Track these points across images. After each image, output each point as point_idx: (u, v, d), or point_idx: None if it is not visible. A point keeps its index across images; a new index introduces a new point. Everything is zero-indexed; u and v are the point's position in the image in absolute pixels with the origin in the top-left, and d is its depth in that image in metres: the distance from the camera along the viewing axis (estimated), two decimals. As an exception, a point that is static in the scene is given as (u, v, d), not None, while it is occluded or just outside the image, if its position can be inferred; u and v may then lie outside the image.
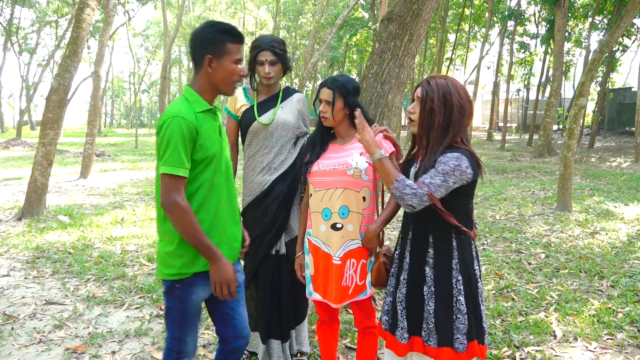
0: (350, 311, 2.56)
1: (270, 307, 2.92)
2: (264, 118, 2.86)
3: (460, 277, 2.07)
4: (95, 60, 12.27)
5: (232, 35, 2.04)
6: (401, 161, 2.45)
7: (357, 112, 2.26)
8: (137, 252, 5.54)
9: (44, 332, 3.54)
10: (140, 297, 4.19)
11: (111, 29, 15.84)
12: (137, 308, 3.97)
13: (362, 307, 2.55)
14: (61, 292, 4.32)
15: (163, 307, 3.95)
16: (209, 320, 3.57)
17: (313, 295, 2.55)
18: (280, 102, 2.94)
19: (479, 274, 2.14)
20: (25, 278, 4.68)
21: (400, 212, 2.36)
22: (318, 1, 24.67)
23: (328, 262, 2.46)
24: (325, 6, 19.40)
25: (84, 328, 3.61)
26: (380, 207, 2.53)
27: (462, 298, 2.05)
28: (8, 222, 6.98)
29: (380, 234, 2.47)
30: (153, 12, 41.34)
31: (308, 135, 2.91)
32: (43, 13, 29.72)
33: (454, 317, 2.05)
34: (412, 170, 2.18)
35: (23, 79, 31.93)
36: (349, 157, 2.42)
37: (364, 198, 2.44)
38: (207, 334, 3.54)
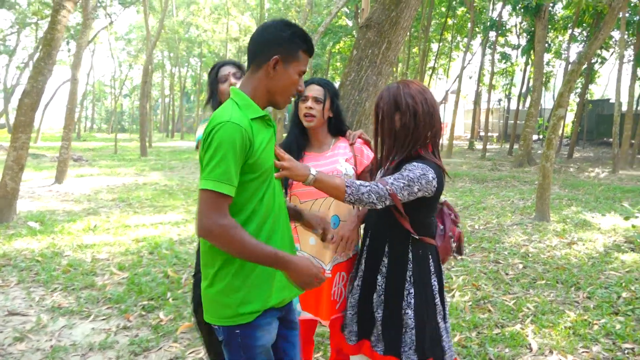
0: (324, 324, 2.42)
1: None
2: None
3: (412, 290, 2.01)
4: (72, 63, 12.03)
5: (307, 44, 1.77)
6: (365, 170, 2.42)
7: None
8: (108, 260, 5.39)
9: (3, 345, 3.38)
10: (107, 308, 4.05)
11: (90, 31, 15.60)
12: (103, 319, 3.83)
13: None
14: (25, 302, 4.16)
15: (131, 319, 3.82)
16: None
17: (302, 314, 2.37)
18: None
19: (437, 289, 2.06)
20: (-11, 287, 4.51)
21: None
22: (301, 8, 24.69)
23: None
24: (308, 13, 19.40)
25: (47, 341, 3.46)
26: None
27: (410, 312, 1.99)
28: (-24, 228, 6.76)
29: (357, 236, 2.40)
30: (136, 16, 41.05)
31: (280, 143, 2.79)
32: (23, 15, 29.27)
33: (403, 329, 2.00)
34: (378, 176, 2.15)
35: (0, 82, 31.35)
36: (336, 164, 2.34)
37: (353, 205, 2.35)
38: None
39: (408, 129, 2.00)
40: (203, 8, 35.90)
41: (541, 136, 26.12)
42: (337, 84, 3.96)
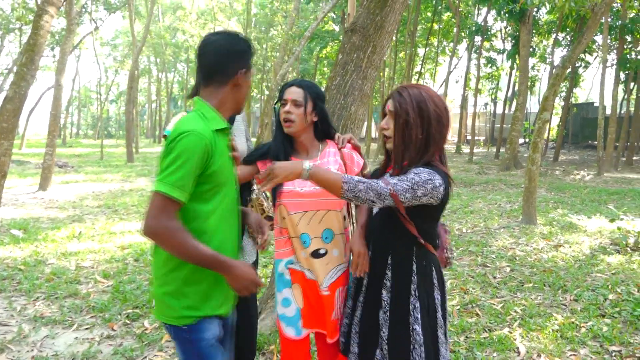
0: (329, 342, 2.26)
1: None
2: None
3: (418, 304, 1.90)
4: (56, 69, 11.90)
5: (253, 52, 1.90)
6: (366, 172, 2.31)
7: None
8: (92, 268, 5.31)
9: (-17, 356, 3.31)
10: (91, 317, 3.98)
11: (75, 37, 15.45)
12: (87, 329, 3.76)
13: (333, 347, 2.23)
14: (7, 312, 4.07)
15: (115, 327, 3.76)
16: None
17: (302, 333, 2.18)
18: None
19: (440, 302, 1.97)
20: (-31, 297, 4.41)
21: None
22: (288, 13, 24.71)
23: (316, 291, 2.16)
24: (295, 18, 19.41)
25: (28, 351, 3.38)
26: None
27: (418, 327, 1.88)
28: (-43, 236, 6.63)
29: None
30: (121, 22, 40.79)
31: (266, 146, 2.48)
32: (6, 20, 28.93)
33: (411, 346, 1.88)
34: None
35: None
36: None
37: (344, 217, 2.23)
38: None
39: (433, 138, 1.89)
40: (190, 13, 35.78)
41: (527, 139, 26.35)
42: (323, 88, 3.94)
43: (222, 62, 1.81)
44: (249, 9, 28.79)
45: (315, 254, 2.15)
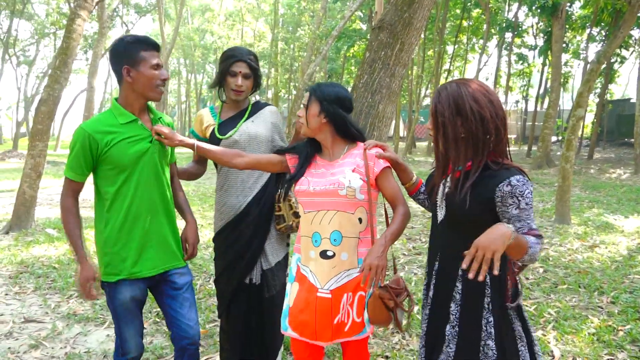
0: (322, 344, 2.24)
1: (241, 340, 2.70)
2: (230, 133, 2.65)
3: (491, 319, 1.77)
4: (89, 71, 12.17)
5: (143, 43, 2.16)
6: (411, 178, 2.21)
7: None
8: (124, 266, 5.39)
9: (18, 352, 3.39)
10: (122, 315, 4.04)
11: (107, 40, 15.78)
12: (118, 326, 3.82)
13: (357, 350, 2.22)
14: (41, 309, 4.17)
15: (145, 325, 3.80)
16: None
17: (288, 330, 2.20)
18: (249, 116, 2.73)
19: (514, 314, 1.83)
20: (6, 294, 4.53)
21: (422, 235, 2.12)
22: (315, 13, 24.73)
23: (312, 295, 2.13)
24: (322, 18, 19.41)
25: (61, 348, 3.46)
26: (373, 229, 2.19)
27: (491, 343, 1.76)
28: (-5, 235, 6.84)
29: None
30: (152, 25, 41.51)
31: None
32: (41, 25, 29.81)
33: None
34: (441, 190, 1.90)
35: (20, 91, 31.94)
36: (340, 175, 2.11)
37: (360, 220, 2.12)
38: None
39: (476, 138, 1.75)
40: (218, 15, 36.18)
41: (560, 137, 25.73)
42: (350, 88, 3.91)
43: (112, 65, 2.19)
44: (276, 9, 28.93)
45: (324, 255, 2.12)
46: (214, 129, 2.71)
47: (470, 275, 1.57)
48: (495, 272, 1.54)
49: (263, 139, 2.68)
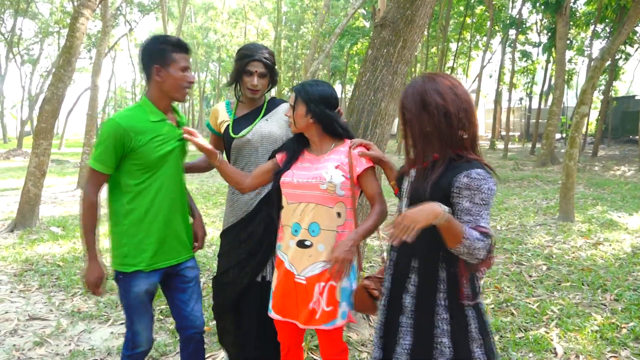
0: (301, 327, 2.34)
1: (257, 338, 2.68)
2: (243, 132, 2.66)
3: (446, 316, 1.76)
4: (92, 70, 12.20)
5: (176, 45, 2.23)
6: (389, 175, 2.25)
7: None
8: (128, 264, 5.41)
9: (23, 349, 3.41)
10: (126, 312, 4.06)
11: (109, 38, 15.80)
12: (122, 324, 3.83)
13: (329, 339, 2.30)
14: (46, 307, 4.19)
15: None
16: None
17: (271, 313, 2.34)
18: (265, 114, 2.73)
19: (473, 315, 1.80)
20: (11, 292, 4.56)
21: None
22: (318, 10, 24.70)
23: (289, 280, 2.26)
24: (325, 15, 19.39)
25: (66, 345, 3.48)
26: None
27: (446, 340, 1.75)
28: (0, 233, 6.87)
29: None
30: (155, 23, 41.59)
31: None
32: (45, 24, 29.88)
33: None
34: (406, 181, 1.93)
35: (24, 90, 32.04)
36: (322, 170, 2.20)
37: (338, 214, 2.21)
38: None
39: (441, 131, 1.76)
40: (221, 13, 36.19)
41: (564, 135, 25.65)
42: (353, 86, 3.90)
43: (143, 63, 2.26)
44: (279, 7, 28.92)
45: (301, 244, 2.22)
46: (227, 126, 2.72)
47: (387, 241, 1.74)
48: (408, 239, 1.57)
49: (276, 138, 2.68)
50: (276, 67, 2.76)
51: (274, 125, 2.71)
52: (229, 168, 2.40)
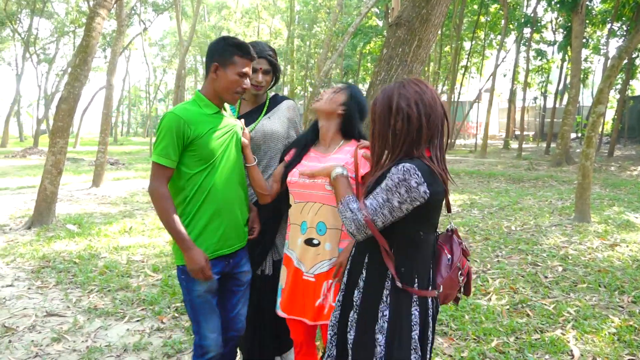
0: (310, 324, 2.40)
1: (254, 331, 2.75)
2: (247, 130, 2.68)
3: (387, 312, 1.77)
4: (107, 69, 12.31)
5: (241, 50, 2.24)
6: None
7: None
8: (143, 262, 5.46)
9: (41, 345, 3.45)
10: (142, 309, 4.10)
11: (124, 38, 15.93)
12: (138, 321, 3.87)
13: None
14: (63, 304, 4.24)
15: (164, 320, 3.86)
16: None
17: (279, 311, 2.41)
18: (267, 112, 2.77)
19: (416, 320, 1.78)
20: (29, 288, 4.62)
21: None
22: (332, 9, 24.67)
23: (298, 278, 2.32)
24: (338, 14, 19.37)
25: (83, 342, 3.51)
26: None
27: (381, 337, 1.76)
28: (18, 230, 6.97)
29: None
30: (169, 22, 41.87)
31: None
32: (61, 24, 30.20)
33: (373, 357, 1.77)
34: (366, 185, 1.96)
35: (40, 89, 32.43)
36: None
37: None
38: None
39: (400, 133, 1.79)
40: (234, 12, 36.30)
41: (579, 134, 25.36)
42: (367, 85, 3.90)
43: (206, 58, 2.30)
44: (292, 7, 28.94)
45: (309, 242, 2.28)
46: None
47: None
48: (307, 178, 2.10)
49: (278, 136, 2.72)
50: (278, 66, 2.80)
51: (276, 123, 2.74)
52: (258, 174, 2.45)
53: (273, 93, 2.95)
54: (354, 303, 1.87)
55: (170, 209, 2.14)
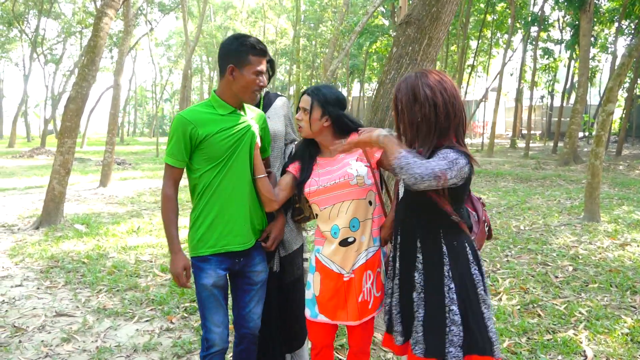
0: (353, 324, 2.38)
1: (264, 329, 2.69)
2: None
3: (453, 285, 1.92)
4: (115, 69, 12.34)
5: (254, 48, 2.22)
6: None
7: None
8: (151, 262, 5.46)
9: (51, 345, 3.45)
10: (151, 310, 4.09)
11: (131, 38, 15.96)
12: (147, 321, 3.87)
13: (365, 328, 2.35)
14: (72, 303, 4.25)
15: (174, 320, 3.85)
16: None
17: (318, 317, 2.33)
18: (263, 111, 2.72)
19: (479, 278, 1.97)
20: (38, 288, 4.63)
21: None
22: (338, 9, 24.64)
23: (338, 282, 2.28)
24: (345, 14, 19.34)
25: (92, 342, 3.51)
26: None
27: (455, 308, 1.90)
28: (26, 230, 6.99)
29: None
30: (175, 22, 42.00)
31: (295, 143, 2.73)
32: (68, 24, 30.32)
33: (447, 328, 1.89)
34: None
35: (48, 89, 32.58)
36: (347, 167, 2.28)
37: (370, 202, 2.30)
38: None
39: (429, 121, 1.92)
40: (240, 12, 36.33)
41: (586, 133, 25.22)
42: (373, 84, 3.87)
43: (219, 60, 2.27)
44: (298, 6, 28.92)
45: (344, 243, 2.26)
46: None
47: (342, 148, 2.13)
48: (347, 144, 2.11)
49: (280, 135, 2.72)
50: (274, 62, 2.77)
51: (277, 123, 2.73)
52: (268, 185, 2.39)
53: (265, 91, 2.92)
54: (417, 284, 1.99)
55: (169, 210, 2.27)
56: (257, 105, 2.77)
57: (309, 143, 2.43)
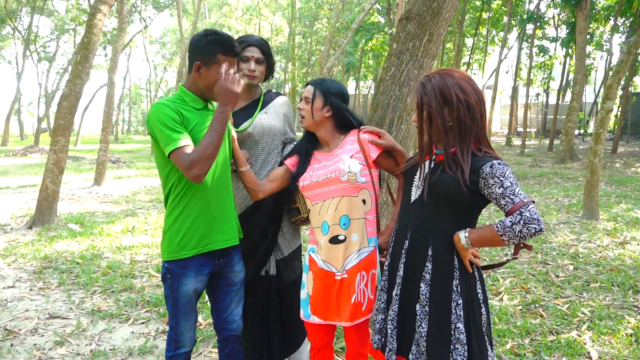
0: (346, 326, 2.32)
1: (261, 334, 2.67)
2: (244, 125, 2.60)
3: (461, 302, 1.81)
4: (109, 67, 12.22)
5: (224, 47, 2.11)
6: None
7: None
8: (146, 262, 5.38)
9: (44, 349, 3.37)
10: (146, 311, 4.01)
11: (125, 35, 15.82)
12: (142, 323, 3.79)
13: (359, 330, 2.30)
14: (66, 305, 4.16)
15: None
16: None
17: (311, 318, 2.29)
18: (262, 107, 2.69)
19: (482, 299, 1.88)
20: (31, 290, 4.54)
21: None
22: (334, 6, 24.54)
23: (329, 281, 2.23)
24: (340, 11, 19.24)
25: (86, 345, 3.43)
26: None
27: (461, 326, 1.79)
28: (19, 230, 6.88)
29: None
30: (170, 20, 41.74)
31: (295, 142, 2.69)
32: (61, 21, 30.09)
33: (452, 346, 1.79)
34: (420, 171, 1.94)
35: (41, 87, 32.34)
36: (339, 163, 2.22)
37: (363, 201, 2.23)
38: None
39: (464, 124, 1.82)
40: (235, 9, 36.17)
41: (582, 131, 25.23)
42: (369, 82, 3.81)
43: (188, 56, 2.18)
44: (293, 3, 28.82)
45: (334, 240, 2.22)
46: None
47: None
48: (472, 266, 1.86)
49: (276, 132, 2.67)
50: (272, 58, 2.73)
51: (274, 119, 2.69)
52: (251, 176, 2.38)
53: (267, 89, 2.88)
54: (422, 296, 1.87)
55: (200, 145, 2.03)
56: (257, 102, 2.71)
57: (309, 138, 2.40)
